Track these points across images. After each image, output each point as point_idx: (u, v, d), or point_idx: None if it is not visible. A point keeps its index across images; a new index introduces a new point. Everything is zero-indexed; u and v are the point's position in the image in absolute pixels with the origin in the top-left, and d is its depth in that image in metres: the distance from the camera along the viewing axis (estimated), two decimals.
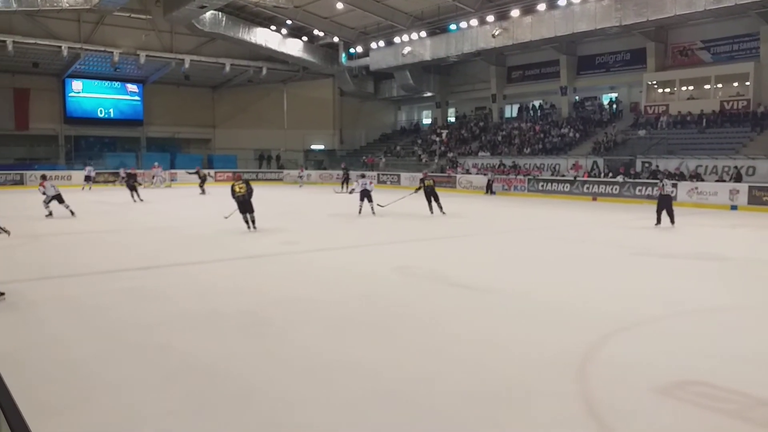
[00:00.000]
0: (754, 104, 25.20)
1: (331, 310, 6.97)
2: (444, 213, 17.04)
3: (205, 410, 4.23)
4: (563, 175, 27.36)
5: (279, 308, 7.01)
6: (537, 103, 35.76)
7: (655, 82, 29.12)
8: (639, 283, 8.50)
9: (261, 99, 43.25)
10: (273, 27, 36.56)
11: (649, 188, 23.03)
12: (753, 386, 4.64)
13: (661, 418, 4.15)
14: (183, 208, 20.78)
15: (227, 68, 38.23)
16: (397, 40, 34.77)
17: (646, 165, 25.00)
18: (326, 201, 23.64)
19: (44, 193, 16.21)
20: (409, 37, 34.08)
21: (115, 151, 38.95)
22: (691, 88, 27.94)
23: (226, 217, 14.12)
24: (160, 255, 10.53)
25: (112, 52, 34.77)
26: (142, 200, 21.72)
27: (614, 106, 31.86)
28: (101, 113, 39.05)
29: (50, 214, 16.09)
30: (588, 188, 24.86)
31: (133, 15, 34.13)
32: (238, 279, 8.73)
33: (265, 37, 36.40)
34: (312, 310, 6.97)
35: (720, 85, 26.94)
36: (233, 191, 13.19)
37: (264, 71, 39.60)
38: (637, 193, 23.25)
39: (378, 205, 17.24)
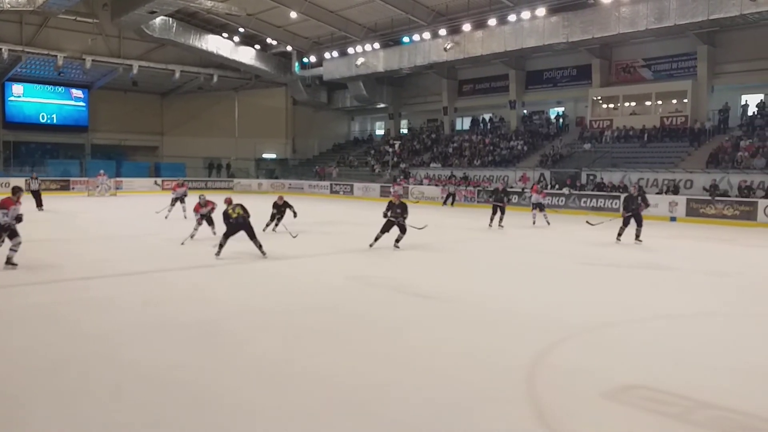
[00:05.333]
0: (692, 121, 26.41)
1: (289, 319, 6.94)
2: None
3: (158, 421, 4.15)
4: (512, 187, 27.94)
5: (236, 318, 6.94)
6: (487, 116, 36.47)
7: (600, 98, 30.15)
8: (587, 291, 8.77)
9: (212, 106, 42.61)
10: (225, 34, 36.15)
11: (594, 200, 23.80)
12: (695, 389, 4.88)
13: (608, 422, 4.32)
14: (134, 216, 20.23)
15: (177, 75, 37.53)
16: (350, 50, 34.91)
17: (591, 177, 25.83)
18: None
19: None
20: (363, 48, 34.28)
21: (57, 157, 37.60)
22: (633, 104, 29.05)
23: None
24: (113, 264, 10.25)
25: (56, 56, 33.61)
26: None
27: (561, 120, 32.81)
28: (43, 119, 37.68)
29: None
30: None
31: (79, 18, 33.06)
32: (194, 288, 8.57)
33: (216, 44, 35.94)
34: (270, 319, 6.93)
35: (660, 102, 28.11)
36: (226, 216, 10.79)
37: (215, 78, 39.06)
38: (582, 204, 23.97)
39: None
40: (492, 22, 28.27)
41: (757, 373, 5.37)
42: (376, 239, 12.29)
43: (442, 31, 30.50)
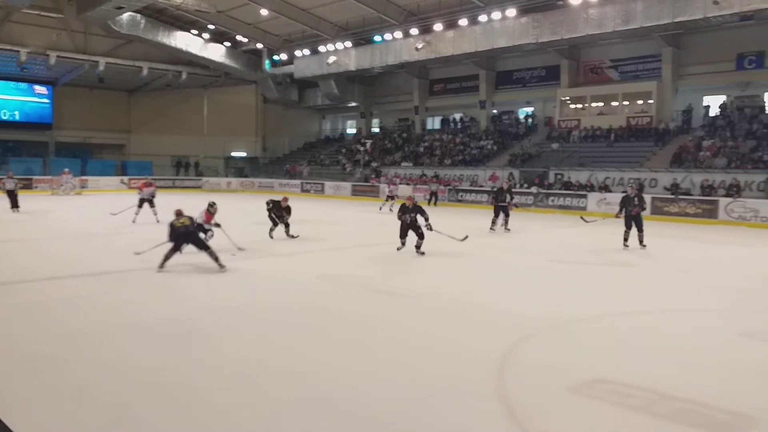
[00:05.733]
0: (657, 121, 27.00)
1: (261, 318, 6.94)
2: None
3: (125, 421, 4.10)
4: (481, 186, 28.20)
5: (209, 317, 6.91)
6: (458, 116, 36.74)
7: (568, 98, 30.60)
8: (555, 288, 8.92)
9: (180, 104, 42.04)
10: (194, 31, 35.69)
11: (561, 199, 24.16)
12: (657, 382, 5.01)
13: (574, 415, 4.42)
14: (104, 215, 19.86)
15: (145, 72, 36.92)
16: (322, 49, 34.80)
17: (559, 176, 26.21)
18: (251, 210, 23.25)
19: None
20: (334, 46, 34.19)
21: (20, 156, 36.63)
22: (600, 104, 29.56)
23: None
24: (87, 263, 10.10)
25: (18, 51, 32.76)
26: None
27: (530, 120, 33.23)
28: (5, 115, 36.70)
29: None
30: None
31: (43, 13, 32.25)
32: (167, 288, 8.48)
33: (185, 41, 35.45)
34: (243, 318, 6.91)
35: (627, 102, 28.67)
36: (172, 227, 9.54)
37: (184, 76, 38.54)
38: (550, 203, 24.32)
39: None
40: (463, 22, 28.47)
41: (717, 366, 5.54)
42: (401, 245, 11.81)
43: (414, 31, 30.60)
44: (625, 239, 13.21)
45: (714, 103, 26.97)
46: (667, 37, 26.38)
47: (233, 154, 43.04)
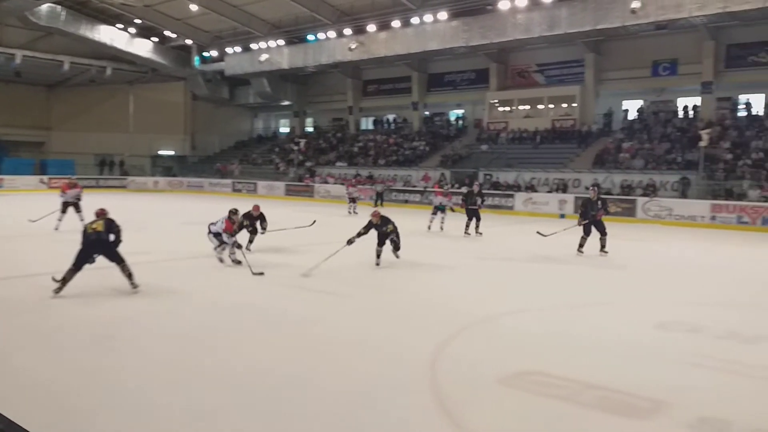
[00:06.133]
0: (580, 124, 28.22)
1: (191, 318, 6.81)
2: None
3: (45, 429, 3.99)
4: (414, 186, 28.61)
5: (134, 320, 6.71)
6: (391, 117, 37.10)
7: (496, 101, 31.48)
8: (486, 284, 9.21)
9: (104, 100, 40.41)
10: (120, 25, 34.40)
11: (490, 198, 24.79)
12: (584, 372, 5.29)
13: (504, 406, 4.61)
14: (26, 215, 18.85)
15: (66, 66, 35.28)
16: (254, 46, 34.32)
17: (488, 177, 26.95)
18: (179, 209, 22.69)
19: None
20: (267, 44, 33.81)
21: None
22: (527, 107, 30.58)
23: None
24: (9, 265, 9.59)
25: None
26: None
27: (460, 122, 33.98)
28: None
29: None
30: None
31: None
32: (91, 291, 8.15)
33: (110, 35, 34.12)
34: (171, 320, 6.77)
35: (552, 106, 29.79)
36: (85, 233, 7.85)
37: (108, 71, 37.08)
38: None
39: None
40: (396, 24, 28.80)
41: (638, 356, 5.90)
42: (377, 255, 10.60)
43: (347, 31, 30.69)
44: (581, 245, 12.40)
45: (632, 107, 28.49)
46: (590, 44, 27.61)
47: (161, 152, 41.75)
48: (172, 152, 42.04)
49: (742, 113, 25.38)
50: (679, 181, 21.58)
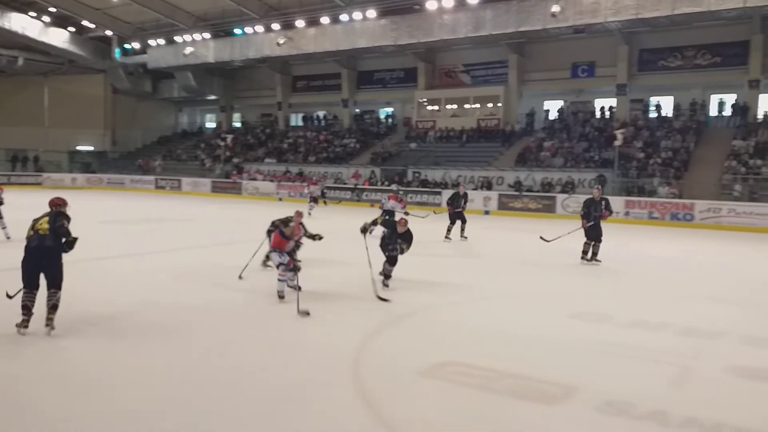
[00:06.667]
0: (504, 123, 29.07)
1: (109, 319, 6.60)
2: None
3: None
4: (345, 183, 28.68)
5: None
6: (321, 114, 36.98)
7: (424, 100, 31.96)
8: (407, 278, 9.35)
9: (16, 93, 38.18)
10: (33, 13, 32.55)
11: (419, 195, 25.20)
12: (499, 362, 5.53)
13: (424, 396, 4.77)
14: None
15: None
16: (178, 39, 33.35)
17: (417, 175, 27.36)
18: (98, 207, 21.79)
19: None
20: (192, 37, 32.93)
21: None
22: (455, 106, 31.20)
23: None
24: None
25: None
26: None
27: (390, 120, 34.28)
28: None
29: None
30: (367, 195, 26.38)
31: None
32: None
33: (21, 23, 32.25)
34: (87, 319, 6.53)
35: (478, 105, 30.54)
36: (27, 237, 6.06)
37: (20, 61, 35.04)
38: (409, 200, 25.25)
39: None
40: (325, 20, 28.72)
41: (552, 345, 6.20)
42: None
43: (276, 26, 30.33)
44: (585, 252, 11.36)
45: (553, 107, 29.61)
46: (513, 45, 28.49)
47: (79, 147, 39.81)
48: (91, 148, 40.19)
49: (653, 114, 26.88)
50: (596, 179, 22.63)
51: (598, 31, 25.02)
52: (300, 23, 29.42)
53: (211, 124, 43.19)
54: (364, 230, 8.77)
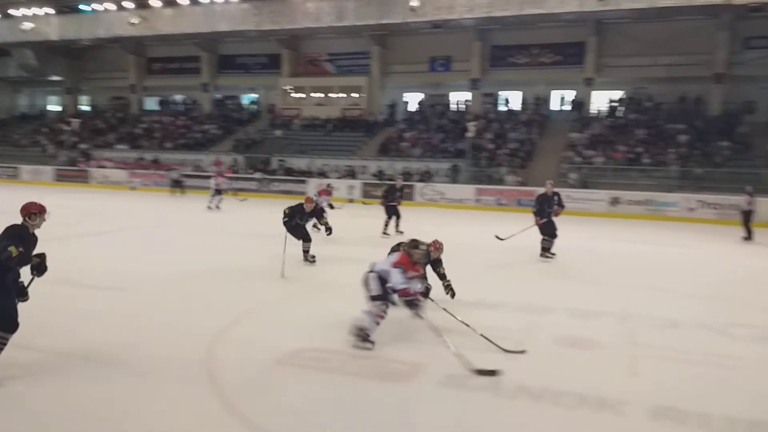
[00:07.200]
0: (367, 113, 29.71)
1: None
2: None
3: None
4: (206, 171, 27.73)
5: None
6: (180, 98, 35.42)
7: (290, 88, 31.74)
8: (259, 268, 9.40)
9: None
10: None
11: (284, 184, 25.10)
12: (348, 346, 5.80)
13: (280, 383, 4.95)
14: None
15: None
16: (15, 12, 30.27)
17: (281, 163, 27.21)
18: None
19: None
20: (32, 11, 30.03)
21: None
22: (321, 95, 31.33)
23: None
24: None
25: None
26: None
27: (254, 106, 33.67)
28: None
29: None
30: (228, 184, 25.67)
31: None
32: None
33: None
34: None
35: (342, 95, 30.90)
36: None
37: None
38: (273, 188, 25.13)
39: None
40: (183, 1, 27.51)
41: (400, 325, 6.59)
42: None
43: (128, 4, 28.64)
44: (546, 249, 10.93)
45: (413, 99, 30.73)
46: (375, 37, 29.14)
47: None
48: None
49: (502, 108, 28.82)
50: (451, 168, 23.90)
51: (455, 27, 26.36)
52: (156, 2, 27.99)
53: (55, 107, 39.68)
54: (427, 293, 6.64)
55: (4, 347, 4.56)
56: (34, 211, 4.78)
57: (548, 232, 10.85)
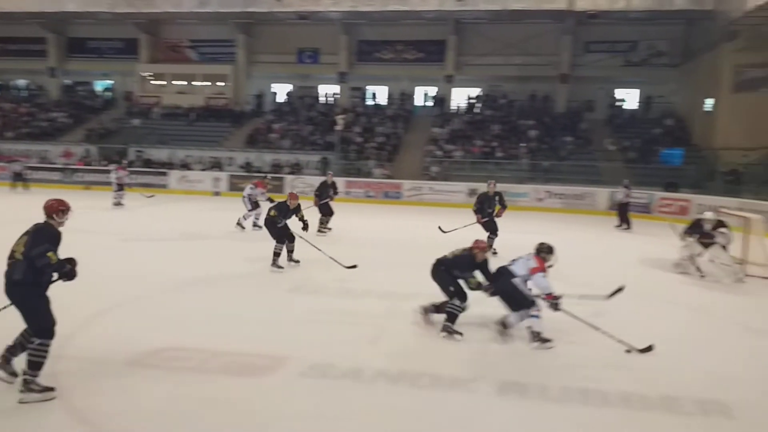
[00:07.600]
0: (234, 103, 28.95)
1: None
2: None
3: None
4: (53, 163, 25.56)
5: None
6: (23, 83, 32.32)
7: (149, 74, 30.08)
8: (132, 265, 9.01)
9: None
10: None
11: (143, 176, 23.81)
12: (212, 342, 5.77)
13: (129, 386, 4.77)
14: None
15: None
16: None
17: (139, 154, 25.78)
18: None
19: None
20: None
21: None
22: (184, 82, 30.00)
23: None
24: None
25: None
26: None
27: (108, 93, 31.54)
28: None
29: None
30: (81, 176, 23.97)
31: None
32: None
33: None
34: None
35: (207, 83, 29.82)
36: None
37: None
38: (131, 180, 23.63)
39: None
40: None
41: (264, 320, 6.62)
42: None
43: None
44: (490, 246, 10.52)
45: (281, 90, 30.39)
46: (241, 25, 28.45)
47: None
48: None
49: (370, 102, 29.35)
50: (320, 161, 23.99)
51: (322, 19, 26.39)
52: None
53: None
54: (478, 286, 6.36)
55: (46, 357, 4.35)
56: (62, 209, 4.45)
57: (490, 230, 11.05)
